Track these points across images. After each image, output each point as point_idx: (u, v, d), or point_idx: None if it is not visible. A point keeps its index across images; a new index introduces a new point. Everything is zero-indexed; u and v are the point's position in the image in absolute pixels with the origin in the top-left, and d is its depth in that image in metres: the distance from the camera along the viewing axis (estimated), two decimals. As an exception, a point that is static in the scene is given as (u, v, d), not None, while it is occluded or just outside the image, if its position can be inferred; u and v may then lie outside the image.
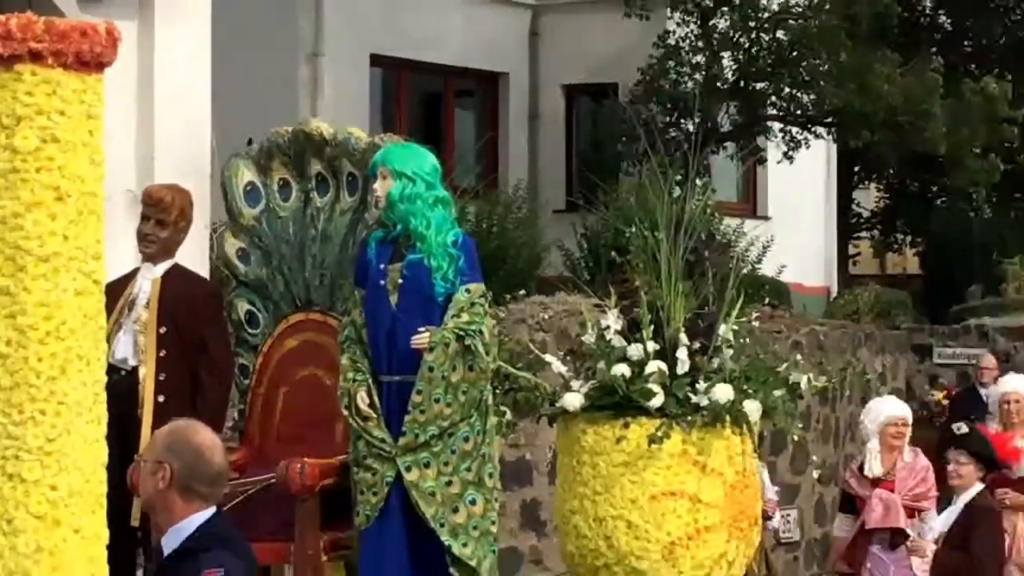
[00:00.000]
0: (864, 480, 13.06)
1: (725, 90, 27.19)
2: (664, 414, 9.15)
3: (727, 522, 9.39)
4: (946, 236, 32.49)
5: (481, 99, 30.39)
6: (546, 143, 30.06)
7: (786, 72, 26.86)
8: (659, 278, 9.39)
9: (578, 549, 9.49)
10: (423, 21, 28.34)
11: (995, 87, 26.87)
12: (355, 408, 8.54)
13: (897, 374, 23.59)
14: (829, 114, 27.14)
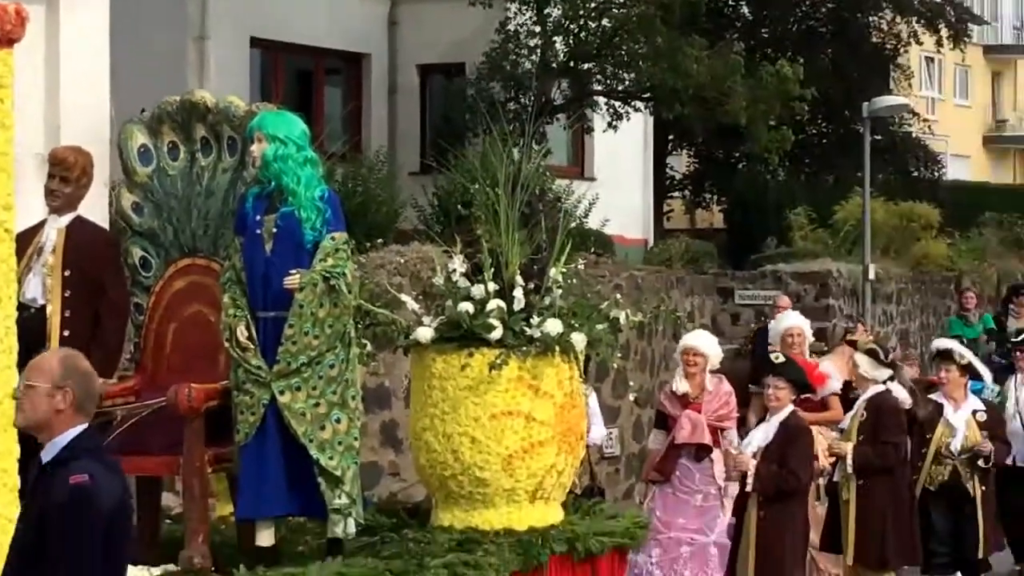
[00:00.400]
0: (676, 401, 13.16)
1: (557, 69, 27.18)
2: (503, 345, 9.31)
3: (557, 437, 9.53)
4: (746, 196, 32.81)
5: (347, 76, 30.25)
6: (403, 114, 30.02)
7: (610, 54, 26.89)
8: (498, 228, 9.53)
9: (429, 462, 9.59)
10: (296, 8, 28.21)
11: (788, 69, 27.15)
12: (235, 340, 8.53)
13: (704, 313, 23.83)
14: (646, 90, 27.23)
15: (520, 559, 9.25)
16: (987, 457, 12.96)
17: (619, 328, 10.14)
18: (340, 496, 8.59)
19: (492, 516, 9.48)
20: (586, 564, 9.80)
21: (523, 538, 9.38)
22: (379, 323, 9.95)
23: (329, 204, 8.75)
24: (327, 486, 8.56)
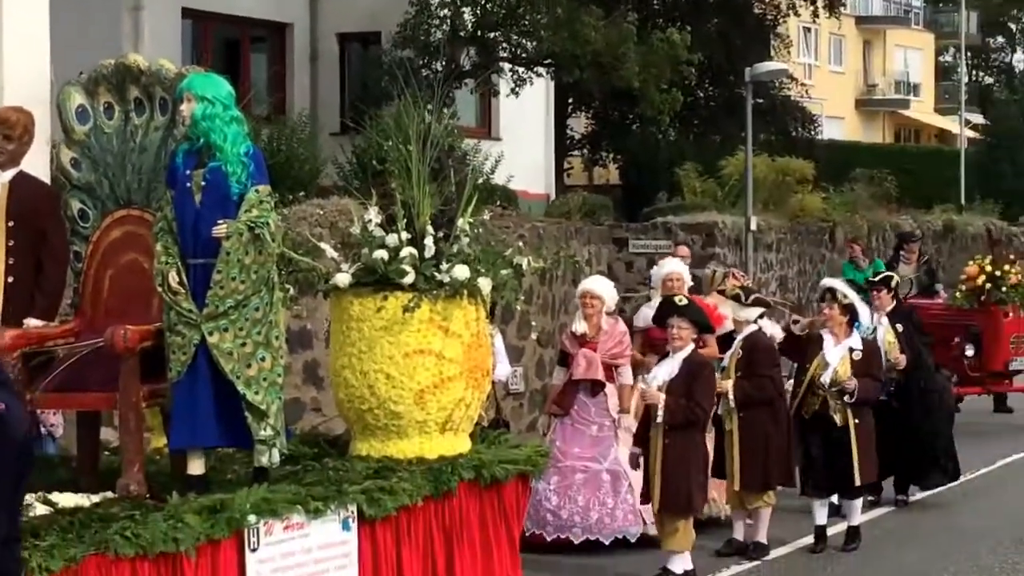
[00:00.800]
0: (574, 341, 13.19)
1: (465, 38, 27.13)
2: (415, 289, 9.35)
3: (465, 374, 9.57)
4: (639, 154, 32.94)
5: (271, 44, 30.08)
6: (323, 80, 29.92)
7: (514, 24, 26.81)
8: (410, 182, 9.55)
9: (347, 397, 9.61)
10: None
11: (677, 37, 27.26)
12: (167, 285, 8.46)
13: (600, 261, 23.92)
14: (547, 57, 27.19)
15: (431, 485, 9.33)
16: (851, 393, 13.05)
17: (522, 274, 10.15)
18: (265, 428, 8.56)
19: (405, 446, 9.51)
20: (492, 490, 9.88)
21: (434, 466, 9.43)
22: (301, 270, 9.83)
23: (253, 159, 8.67)
24: (253, 419, 8.53)
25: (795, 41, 45.40)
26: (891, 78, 67.39)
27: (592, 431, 13.16)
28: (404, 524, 9.25)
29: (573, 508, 12.92)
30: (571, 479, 12.99)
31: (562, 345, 13.65)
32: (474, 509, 9.78)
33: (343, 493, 8.80)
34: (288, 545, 8.49)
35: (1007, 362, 20.46)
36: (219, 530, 8.02)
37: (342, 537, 8.82)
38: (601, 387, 13.15)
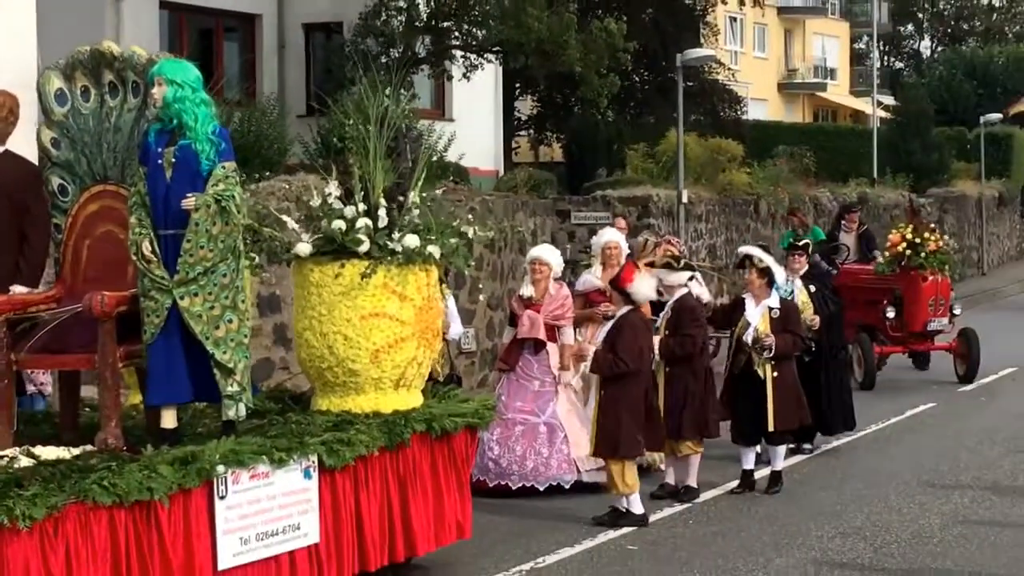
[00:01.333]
0: (521, 303, 13.27)
1: (421, 27, 27.06)
2: (370, 256, 9.36)
3: (417, 334, 9.58)
4: (581, 133, 32.85)
5: (242, 34, 29.92)
6: (290, 66, 29.79)
7: (465, 14, 26.77)
8: (367, 159, 9.56)
9: (309, 356, 9.62)
10: (198, -24, 27.98)
11: (614, 26, 27.23)
12: (141, 254, 8.46)
13: (545, 231, 23.82)
14: (496, 44, 27.11)
15: (386, 437, 9.36)
16: (769, 347, 13.08)
17: (469, 241, 10.19)
18: (232, 385, 8.60)
19: (362, 401, 9.53)
20: (443, 441, 9.95)
21: (389, 419, 9.47)
22: (265, 240, 9.83)
23: (221, 138, 8.65)
24: (221, 376, 8.57)
25: (722, 29, 45.40)
26: (810, 63, 67.51)
27: (534, 386, 13.23)
28: (361, 473, 9.28)
29: (511, 457, 13.01)
30: (511, 431, 13.06)
31: (510, 307, 13.72)
32: (426, 458, 9.82)
33: (304, 445, 8.83)
34: (254, 493, 8.52)
35: (926, 323, 20.35)
36: (190, 479, 8.04)
37: (304, 485, 8.85)
38: (543, 346, 13.22)
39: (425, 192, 9.92)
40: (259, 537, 8.57)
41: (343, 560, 9.21)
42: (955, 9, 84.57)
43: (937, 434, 16.72)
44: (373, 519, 9.40)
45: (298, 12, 29.72)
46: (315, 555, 9.00)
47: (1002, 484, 13.62)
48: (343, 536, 9.19)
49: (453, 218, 10.27)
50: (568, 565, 10.78)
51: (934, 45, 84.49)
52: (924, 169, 43.75)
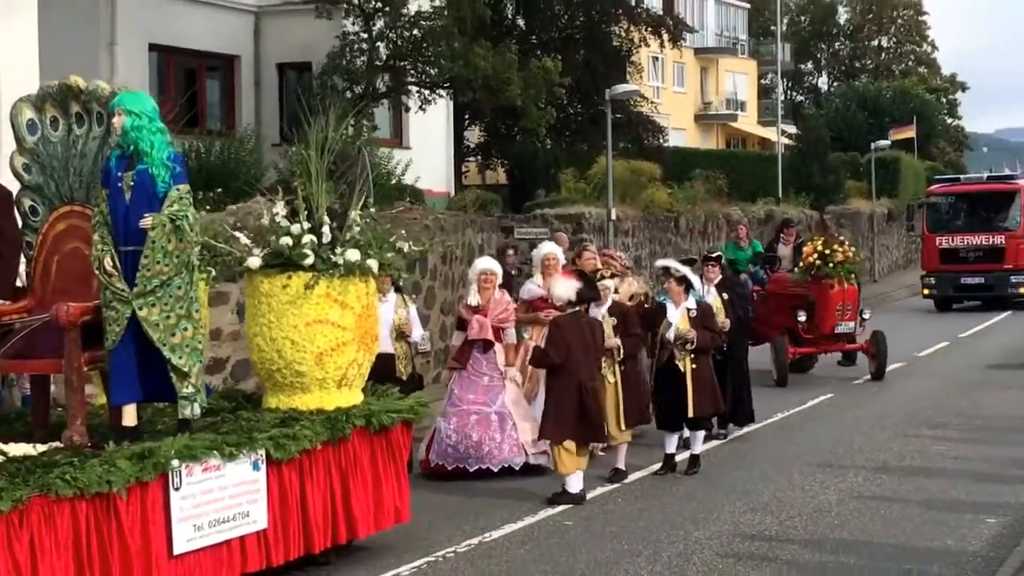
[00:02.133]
0: (469, 309, 13.30)
1: (381, 66, 26.93)
2: (314, 269, 9.30)
3: (357, 339, 9.51)
4: (522, 159, 32.70)
5: (223, 72, 29.71)
6: (266, 101, 29.59)
7: (420, 55, 26.66)
8: (311, 180, 9.49)
9: (259, 359, 9.57)
10: (184, 21, 27.80)
11: (551, 64, 27.24)
12: (103, 268, 8.40)
13: (491, 245, 23.66)
14: (447, 81, 27.01)
15: (328, 432, 9.32)
16: (691, 340, 13.03)
17: (405, 255, 10.15)
18: (187, 387, 8.55)
19: (308, 399, 9.48)
20: (381, 435, 9.87)
21: (331, 416, 9.42)
22: (220, 255, 9.73)
23: (176, 162, 8.58)
24: (177, 379, 8.52)
25: (646, 68, 45.40)
26: (723, 97, 67.68)
27: (484, 381, 13.29)
28: (306, 464, 9.24)
29: (468, 443, 13.06)
30: (467, 420, 13.11)
31: (459, 313, 13.71)
32: (366, 450, 9.77)
33: (253, 440, 8.78)
34: (207, 484, 8.47)
35: (834, 326, 20.10)
36: (147, 473, 7.98)
37: (253, 476, 8.81)
38: (491, 345, 13.30)
39: (376, 210, 9.90)
40: (211, 524, 8.50)
41: (289, 544, 9.17)
42: (849, 50, 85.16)
43: (835, 421, 16.68)
44: (317, 506, 9.33)
45: (272, 53, 29.53)
46: (263, 539, 8.94)
47: (891, 464, 13.62)
48: (289, 522, 9.13)
49: (390, 234, 10.13)
50: (512, 539, 10.73)
51: (831, 81, 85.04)
52: (822, 189, 43.94)
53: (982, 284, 33.41)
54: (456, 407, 13.17)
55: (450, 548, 10.36)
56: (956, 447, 14.51)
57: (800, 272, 20.24)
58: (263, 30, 29.60)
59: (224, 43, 28.95)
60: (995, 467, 13.27)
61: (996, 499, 11.83)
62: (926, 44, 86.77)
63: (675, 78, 63.11)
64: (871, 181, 46.05)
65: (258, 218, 16.67)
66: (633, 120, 36.57)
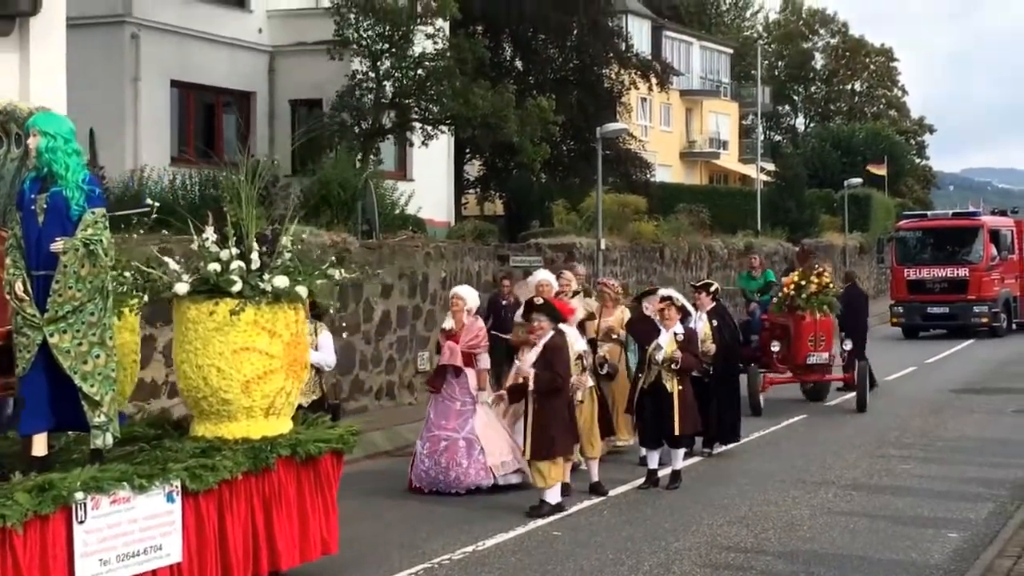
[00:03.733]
0: (443, 334, 13.12)
1: (387, 104, 27.05)
2: (241, 296, 8.62)
3: (285, 367, 8.85)
4: (518, 192, 32.83)
5: (239, 107, 29.79)
6: (279, 134, 29.62)
7: (423, 93, 26.81)
8: (240, 207, 8.78)
9: (186, 386, 8.89)
10: (204, 60, 27.92)
11: (546, 103, 27.36)
12: (14, 293, 7.79)
13: (487, 272, 23.69)
14: (448, 118, 27.12)
15: (251, 462, 8.66)
16: (677, 361, 13.05)
17: (337, 282, 9.43)
18: (99, 416, 7.89)
19: (234, 428, 8.79)
20: (309, 465, 9.19)
21: (255, 445, 8.75)
22: (150, 280, 8.95)
23: (91, 185, 7.92)
24: (89, 408, 7.88)
25: (634, 108, 45.59)
26: (706, 136, 67.85)
27: (456, 406, 12.97)
28: (226, 496, 8.52)
29: (437, 469, 12.84)
30: (437, 446, 12.87)
31: (439, 336, 13.50)
32: (291, 481, 9.07)
33: (167, 470, 8.09)
34: (114, 517, 7.76)
35: (806, 356, 19.18)
36: (46, 506, 7.32)
37: (167, 508, 8.10)
38: (460, 371, 12.94)
39: (294, 237, 9.12)
40: (120, 559, 7.76)
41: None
42: (824, 93, 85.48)
43: (808, 441, 16.68)
44: (237, 538, 8.57)
45: (286, 90, 29.69)
46: (177, 573, 8.21)
47: (860, 482, 13.61)
48: (206, 555, 8.37)
49: (322, 261, 9.40)
50: (504, 548, 10.70)
51: (807, 122, 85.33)
52: (798, 223, 44.07)
53: (947, 313, 33.52)
54: (430, 432, 12.95)
55: (445, 556, 10.34)
56: (921, 466, 14.54)
57: (777, 304, 19.77)
58: (277, 68, 29.73)
59: (241, 80, 29.09)
60: (957, 485, 13.30)
61: (958, 515, 11.86)
62: (896, 89, 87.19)
63: (662, 118, 63.29)
64: (844, 216, 46.18)
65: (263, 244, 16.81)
66: (622, 156, 36.74)
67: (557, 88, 33.17)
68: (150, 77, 26.80)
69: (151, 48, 26.70)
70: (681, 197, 42.42)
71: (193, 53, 27.64)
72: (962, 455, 15.29)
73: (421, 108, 27.15)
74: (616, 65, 36.48)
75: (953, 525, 11.42)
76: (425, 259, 20.53)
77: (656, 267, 31.19)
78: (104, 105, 24.77)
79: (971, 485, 13.27)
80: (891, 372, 24.06)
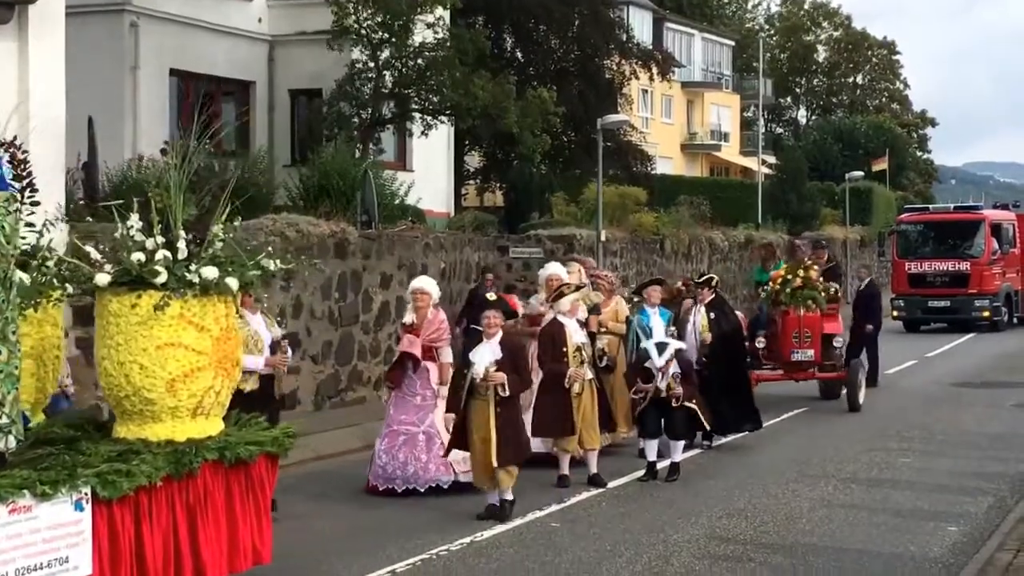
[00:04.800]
0: (404, 328, 12.71)
1: (387, 94, 27.06)
2: (166, 288, 7.92)
3: (214, 364, 8.18)
4: (518, 183, 32.78)
5: (238, 97, 29.80)
6: (278, 124, 29.74)
7: (423, 83, 26.80)
8: (168, 192, 8.08)
9: (107, 384, 8.20)
10: (203, 48, 27.89)
11: (547, 94, 27.39)
12: None
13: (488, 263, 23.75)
14: (448, 108, 27.12)
15: (172, 466, 7.96)
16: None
17: (272, 273, 8.72)
18: (1, 417, 7.28)
19: (159, 429, 8.13)
20: (240, 469, 8.49)
21: (179, 448, 8.06)
22: (71, 270, 8.25)
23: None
24: None
25: (636, 99, 45.57)
26: (707, 128, 67.83)
27: (416, 400, 12.57)
28: (144, 504, 7.84)
29: (396, 464, 12.47)
30: (395, 441, 12.52)
31: (400, 331, 12.97)
32: (219, 487, 8.38)
33: (75, 476, 7.43)
34: (14, 527, 7.13)
35: (790, 353, 18.40)
36: None
37: (74, 517, 7.44)
38: (418, 364, 12.51)
39: (225, 225, 8.35)
40: (19, 572, 7.15)
41: (121, 589, 7.69)
42: (826, 85, 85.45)
43: (807, 434, 16.70)
44: (156, 548, 7.88)
45: (285, 79, 29.64)
46: None
47: (859, 475, 13.63)
48: (120, 567, 7.67)
49: (258, 251, 8.66)
50: (502, 539, 10.71)
51: (809, 115, 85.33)
52: (799, 216, 44.08)
53: (948, 307, 33.54)
54: (389, 427, 12.57)
55: (443, 547, 10.33)
56: (921, 459, 14.55)
57: (765, 297, 19.14)
58: (277, 58, 29.72)
59: (240, 69, 29.07)
60: (957, 479, 13.32)
61: (957, 509, 11.87)
62: (899, 82, 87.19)
63: (663, 110, 63.26)
64: (845, 209, 46.16)
65: (269, 233, 16.82)
66: (623, 148, 36.74)
67: (558, 79, 33.16)
68: (149, 66, 26.79)
69: (150, 37, 26.69)
70: (682, 189, 42.40)
71: (193, 42, 27.62)
72: (962, 449, 15.30)
73: (421, 98, 27.15)
74: (617, 56, 36.47)
75: (952, 519, 11.43)
76: (424, 250, 20.53)
77: (656, 259, 31.18)
78: (103, 94, 24.78)
79: (971, 479, 13.29)
80: (891, 366, 24.06)
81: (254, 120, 29.33)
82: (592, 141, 29.32)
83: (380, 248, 19.14)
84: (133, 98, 26.65)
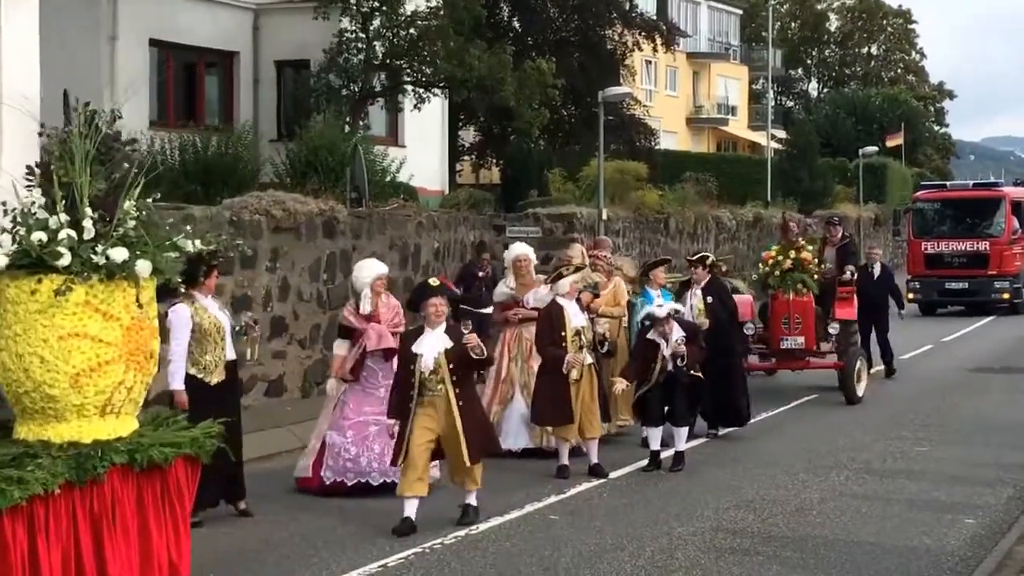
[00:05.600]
0: (360, 317, 12.24)
1: (377, 65, 27.02)
2: (70, 271, 7.52)
3: (125, 356, 7.76)
4: (516, 159, 32.79)
5: (222, 69, 29.76)
6: (263, 97, 29.71)
7: (415, 54, 26.76)
8: (73, 165, 7.66)
9: (5, 380, 7.77)
10: (184, 17, 27.85)
11: (545, 66, 27.37)
12: None
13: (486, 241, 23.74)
14: (442, 80, 27.09)
15: (73, 472, 7.49)
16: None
17: (188, 255, 8.32)
18: None
19: (63, 429, 7.69)
20: (154, 474, 8.02)
21: (82, 451, 7.60)
22: None
23: None
24: None
25: (639, 71, 45.46)
26: (714, 101, 67.80)
27: (380, 392, 12.06)
28: (40, 514, 7.32)
29: (371, 455, 12.09)
30: (367, 431, 12.13)
31: (345, 321, 12.36)
32: (129, 494, 7.90)
33: None
34: None
35: (780, 340, 17.84)
36: None
37: None
38: (393, 353, 11.96)
39: (138, 202, 7.96)
40: None
41: (14, 609, 7.22)
42: (838, 56, 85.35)
43: (818, 422, 16.69)
44: (55, 564, 7.37)
45: (271, 50, 29.58)
46: None
47: (872, 464, 13.63)
48: None
49: (176, 231, 8.36)
50: (498, 532, 10.71)
51: (820, 87, 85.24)
52: (810, 194, 44.10)
53: (966, 289, 33.54)
54: (351, 420, 12.14)
55: (437, 540, 10.34)
56: (937, 448, 14.56)
57: (755, 281, 18.69)
58: (262, 27, 29.70)
59: (223, 40, 29.04)
60: (974, 469, 13.33)
61: (975, 500, 11.88)
62: (915, 52, 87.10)
63: (668, 82, 63.21)
64: (859, 187, 46.18)
65: (254, 212, 16.80)
66: (625, 122, 36.74)
67: (557, 50, 33.12)
68: (128, 36, 26.73)
69: (129, 5, 26.66)
70: (687, 165, 42.40)
71: (174, 11, 27.58)
72: (980, 437, 15.32)
73: (413, 70, 27.10)
74: (619, 26, 36.41)
75: (970, 510, 11.45)
76: (417, 229, 20.50)
77: (660, 239, 31.17)
78: (79, 65, 24.68)
79: (989, 468, 13.30)
80: (907, 351, 24.06)
81: (238, 93, 29.29)
82: (593, 115, 29.27)
83: (371, 227, 19.11)
84: (111, 70, 26.60)
